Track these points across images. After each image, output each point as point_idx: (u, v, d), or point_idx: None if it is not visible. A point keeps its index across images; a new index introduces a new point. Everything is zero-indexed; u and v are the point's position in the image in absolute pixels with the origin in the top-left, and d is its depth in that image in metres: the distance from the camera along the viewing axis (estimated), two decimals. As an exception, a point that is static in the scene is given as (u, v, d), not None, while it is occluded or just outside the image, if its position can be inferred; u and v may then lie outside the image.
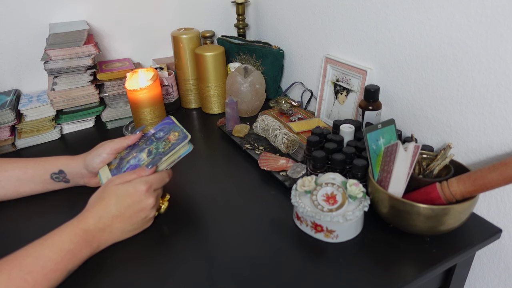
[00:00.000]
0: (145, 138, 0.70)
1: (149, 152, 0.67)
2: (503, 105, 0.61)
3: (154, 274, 0.57)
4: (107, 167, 0.69)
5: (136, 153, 0.68)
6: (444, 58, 0.68)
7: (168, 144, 0.66)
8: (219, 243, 0.63)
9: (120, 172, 0.66)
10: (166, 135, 0.68)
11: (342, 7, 0.88)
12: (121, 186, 0.61)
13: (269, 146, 0.88)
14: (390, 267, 0.57)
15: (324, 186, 0.62)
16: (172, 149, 0.65)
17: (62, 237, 0.54)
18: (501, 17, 0.58)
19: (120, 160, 0.68)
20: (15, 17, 1.00)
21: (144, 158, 0.66)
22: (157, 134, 0.70)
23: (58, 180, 0.71)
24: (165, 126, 0.71)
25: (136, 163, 0.66)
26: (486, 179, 0.54)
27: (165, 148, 0.66)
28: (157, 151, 0.66)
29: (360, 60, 0.88)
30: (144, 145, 0.68)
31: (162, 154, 0.65)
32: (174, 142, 0.66)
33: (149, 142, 0.68)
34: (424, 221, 0.57)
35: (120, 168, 0.67)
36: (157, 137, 0.69)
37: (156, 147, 0.67)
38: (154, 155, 0.66)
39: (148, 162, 0.65)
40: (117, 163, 0.68)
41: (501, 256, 0.69)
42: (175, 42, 1.07)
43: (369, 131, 0.63)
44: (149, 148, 0.67)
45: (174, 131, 0.68)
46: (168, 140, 0.67)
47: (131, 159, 0.67)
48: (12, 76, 1.05)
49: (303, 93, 1.10)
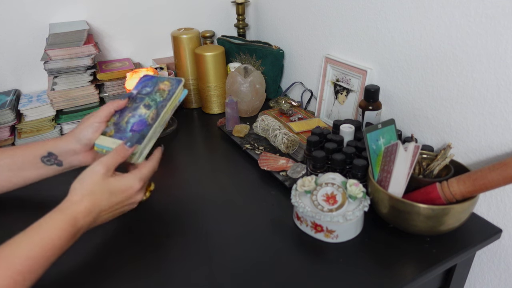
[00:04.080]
0: (131, 100, 0.68)
1: (147, 106, 0.65)
2: (503, 105, 0.61)
3: (154, 274, 0.57)
4: (104, 136, 0.65)
5: (131, 112, 0.66)
6: (444, 58, 0.68)
7: (164, 93, 0.66)
8: (219, 243, 0.63)
9: (125, 134, 0.64)
10: (155, 88, 0.67)
11: (342, 7, 0.88)
12: (115, 181, 0.58)
13: (269, 146, 0.88)
14: (390, 267, 0.57)
15: (324, 186, 0.62)
16: (172, 94, 0.65)
17: (50, 235, 0.50)
18: (501, 17, 0.58)
19: (115, 126, 0.65)
20: (15, 17, 1.00)
21: (144, 113, 0.65)
22: (143, 91, 0.67)
23: (49, 163, 0.66)
24: (147, 82, 0.69)
25: (139, 119, 0.65)
26: (486, 179, 0.54)
27: (164, 96, 0.65)
28: (156, 102, 0.65)
29: (360, 60, 0.88)
30: (134, 104, 0.66)
31: (164, 101, 0.65)
32: (170, 88, 0.66)
33: (139, 100, 0.67)
34: (424, 221, 0.57)
35: (124, 131, 0.64)
36: (144, 93, 0.67)
37: (152, 99, 0.66)
38: (155, 106, 0.64)
39: (152, 113, 0.64)
40: (114, 129, 0.65)
41: (501, 256, 0.69)
42: (175, 42, 1.07)
43: (369, 131, 0.63)
44: (144, 103, 0.66)
45: (161, 81, 0.67)
46: (162, 89, 0.66)
47: (129, 119, 0.65)
48: (12, 76, 1.05)
49: (303, 93, 1.10)
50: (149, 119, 0.64)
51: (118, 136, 0.64)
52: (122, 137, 0.63)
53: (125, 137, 0.63)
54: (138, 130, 0.64)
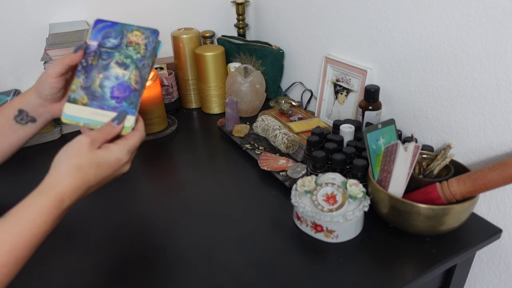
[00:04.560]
0: (92, 54, 0.56)
1: (121, 65, 0.56)
2: (503, 105, 0.61)
3: (154, 274, 0.57)
4: (75, 105, 0.55)
5: (101, 72, 0.56)
6: (444, 58, 0.68)
7: (139, 47, 0.57)
8: (219, 243, 0.63)
9: (105, 102, 0.55)
10: (123, 40, 0.57)
11: (342, 7, 0.88)
12: (102, 154, 0.52)
13: (269, 146, 0.88)
14: (390, 267, 0.57)
15: (324, 186, 0.62)
16: (151, 49, 0.57)
17: (34, 222, 0.46)
18: (501, 17, 0.58)
19: (87, 91, 0.55)
20: (15, 17, 1.00)
21: (122, 74, 0.56)
22: (106, 43, 0.57)
23: (23, 121, 0.62)
24: (108, 30, 0.57)
25: (118, 83, 0.55)
26: (486, 179, 0.54)
27: (141, 52, 0.56)
28: (133, 59, 0.56)
29: (360, 60, 0.88)
30: (101, 62, 0.56)
31: (144, 59, 0.56)
32: (146, 42, 0.57)
33: (106, 55, 0.56)
34: (424, 221, 0.57)
35: (102, 98, 0.55)
36: (110, 47, 0.57)
37: (127, 56, 0.56)
38: (134, 66, 0.56)
39: (134, 75, 0.56)
40: (87, 95, 0.55)
41: (501, 256, 0.69)
42: (175, 42, 1.07)
43: (369, 131, 0.63)
44: (116, 60, 0.56)
45: (129, 31, 0.57)
46: (135, 43, 0.57)
47: (103, 82, 0.55)
48: (12, 76, 1.05)
49: (303, 93, 1.10)
50: (132, 82, 0.55)
51: (97, 105, 0.55)
52: (103, 105, 0.55)
53: (107, 106, 0.54)
54: (122, 97, 0.55)
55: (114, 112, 0.54)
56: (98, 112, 0.55)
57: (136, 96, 0.55)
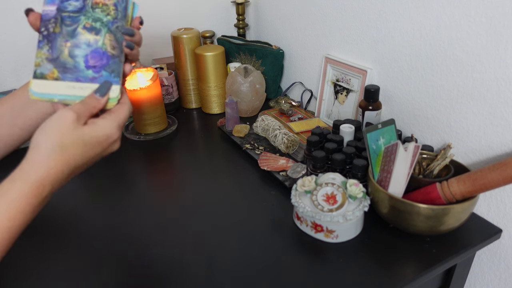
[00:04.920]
0: (52, 20, 0.50)
1: (91, 30, 0.48)
2: (503, 105, 0.61)
3: (154, 274, 0.57)
4: (45, 80, 0.48)
5: (69, 40, 0.48)
6: (444, 58, 0.68)
7: (107, 8, 0.49)
8: (219, 243, 0.63)
9: (80, 73, 0.48)
10: (87, 0, 0.49)
11: (342, 7, 0.88)
12: (90, 131, 0.45)
13: (269, 146, 0.88)
14: (390, 267, 0.57)
15: (324, 186, 0.62)
16: (123, 10, 0.49)
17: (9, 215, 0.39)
18: (501, 17, 0.58)
19: (55, 63, 0.48)
20: (15, 16, 1.00)
21: (94, 40, 0.48)
22: (67, 7, 0.49)
23: None
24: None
25: (92, 50, 0.48)
26: (486, 179, 0.54)
27: (111, 14, 0.49)
28: (103, 22, 0.49)
29: (360, 60, 0.88)
30: (66, 28, 0.49)
31: (116, 21, 0.49)
32: (114, 1, 0.49)
33: (70, 20, 0.49)
34: (424, 221, 0.57)
35: (76, 69, 0.48)
36: (73, 10, 0.49)
37: (95, 19, 0.49)
38: (107, 29, 0.49)
39: (109, 40, 0.48)
40: (56, 67, 0.48)
41: (501, 256, 0.69)
42: (175, 42, 1.07)
43: (369, 131, 0.63)
44: (83, 25, 0.49)
45: None
46: (101, 3, 0.49)
47: (73, 51, 0.48)
48: (12, 76, 1.05)
49: (303, 93, 1.10)
50: (108, 48, 0.48)
51: (71, 78, 0.48)
52: (78, 77, 0.48)
53: (83, 78, 0.48)
54: (99, 65, 0.48)
55: (94, 83, 0.47)
56: (74, 85, 0.48)
57: (116, 63, 0.48)
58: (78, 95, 0.47)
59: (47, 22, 0.49)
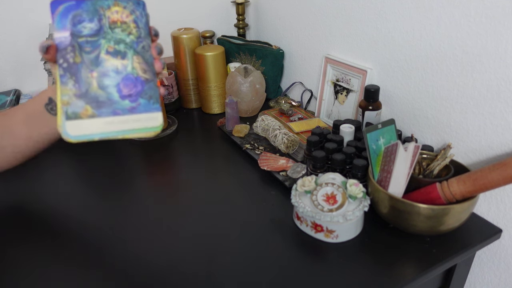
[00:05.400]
0: (69, 48, 0.44)
1: (116, 54, 0.44)
2: (503, 105, 0.61)
3: (154, 274, 0.57)
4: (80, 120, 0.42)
5: (93, 70, 0.44)
6: (444, 58, 0.68)
7: (128, 26, 0.45)
8: (219, 243, 0.63)
9: (116, 105, 0.43)
10: (103, 20, 0.45)
11: (342, 7, 0.88)
12: None
13: (269, 146, 0.88)
14: (390, 267, 0.57)
15: (324, 186, 0.62)
16: (145, 25, 0.46)
17: None
18: (501, 17, 0.58)
19: (86, 98, 0.43)
20: (15, 17, 1.00)
21: (122, 65, 0.44)
22: (82, 31, 0.44)
23: (53, 112, 0.58)
24: (74, 13, 0.44)
25: (123, 77, 0.44)
26: (486, 179, 0.54)
27: (133, 32, 0.45)
28: (126, 43, 0.45)
29: (360, 60, 0.88)
30: (87, 56, 0.44)
31: (141, 40, 0.45)
32: (134, 17, 0.46)
33: (90, 45, 0.44)
34: (424, 221, 0.57)
35: (110, 101, 0.43)
36: (89, 34, 0.44)
37: (117, 41, 0.45)
38: (133, 51, 0.45)
39: (138, 63, 0.45)
40: (88, 103, 0.43)
41: (501, 256, 0.69)
42: (175, 42, 1.07)
43: (369, 131, 0.63)
44: (106, 50, 0.44)
45: (104, 7, 0.45)
46: (120, 21, 0.45)
47: (101, 81, 0.44)
48: (12, 76, 1.05)
49: (303, 93, 1.10)
50: (139, 72, 0.45)
51: (108, 112, 0.43)
52: (115, 110, 0.43)
53: (121, 110, 0.43)
54: (135, 93, 0.44)
55: (133, 114, 0.43)
56: (113, 120, 0.43)
57: (151, 88, 0.45)
58: (119, 130, 0.43)
59: (64, 51, 0.43)
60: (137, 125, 0.44)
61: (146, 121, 0.44)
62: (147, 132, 0.44)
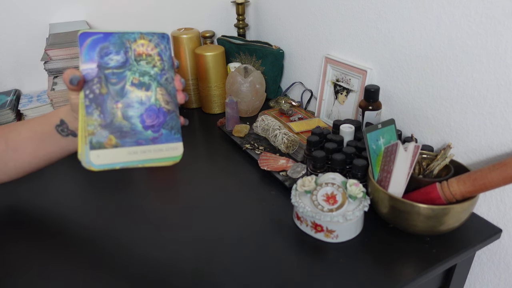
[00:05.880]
0: (96, 80, 0.45)
1: (140, 86, 0.46)
2: (503, 105, 0.61)
3: (154, 273, 0.57)
4: (104, 150, 0.44)
5: (119, 101, 0.45)
6: (444, 58, 0.68)
7: (152, 59, 0.47)
8: (219, 243, 0.63)
9: (140, 135, 0.45)
10: (127, 54, 0.46)
11: (342, 7, 0.88)
12: None
13: (269, 146, 0.88)
14: (390, 267, 0.57)
15: (324, 186, 0.62)
16: (168, 58, 0.48)
17: None
18: (501, 17, 0.58)
19: (110, 129, 0.44)
20: (15, 17, 1.00)
21: (145, 97, 0.46)
22: (109, 63, 0.45)
23: (64, 133, 0.59)
24: (101, 46, 0.45)
25: (146, 109, 0.46)
26: (486, 179, 0.54)
27: (157, 65, 0.47)
28: (151, 76, 0.47)
29: (360, 60, 0.88)
30: (113, 87, 0.45)
31: (164, 72, 0.47)
32: (158, 50, 0.47)
33: (116, 77, 0.45)
34: (424, 221, 0.57)
35: (134, 131, 0.45)
36: (115, 66, 0.46)
37: (142, 73, 0.46)
38: (156, 83, 0.47)
39: (161, 94, 0.46)
40: (112, 133, 0.44)
41: (501, 256, 0.69)
42: (175, 42, 1.07)
43: (369, 131, 0.63)
44: (131, 81, 0.46)
45: (130, 40, 0.46)
46: (145, 54, 0.47)
47: (126, 111, 0.45)
48: (12, 76, 1.05)
49: (303, 93, 1.10)
50: (162, 103, 0.46)
51: (131, 142, 0.45)
52: (138, 140, 0.45)
53: (144, 140, 0.45)
54: (157, 124, 0.46)
55: (155, 144, 0.45)
56: (136, 150, 0.45)
57: (173, 119, 0.47)
58: (141, 160, 0.45)
59: (90, 83, 0.45)
60: (158, 155, 0.45)
61: (167, 151, 0.46)
62: (167, 162, 0.46)
